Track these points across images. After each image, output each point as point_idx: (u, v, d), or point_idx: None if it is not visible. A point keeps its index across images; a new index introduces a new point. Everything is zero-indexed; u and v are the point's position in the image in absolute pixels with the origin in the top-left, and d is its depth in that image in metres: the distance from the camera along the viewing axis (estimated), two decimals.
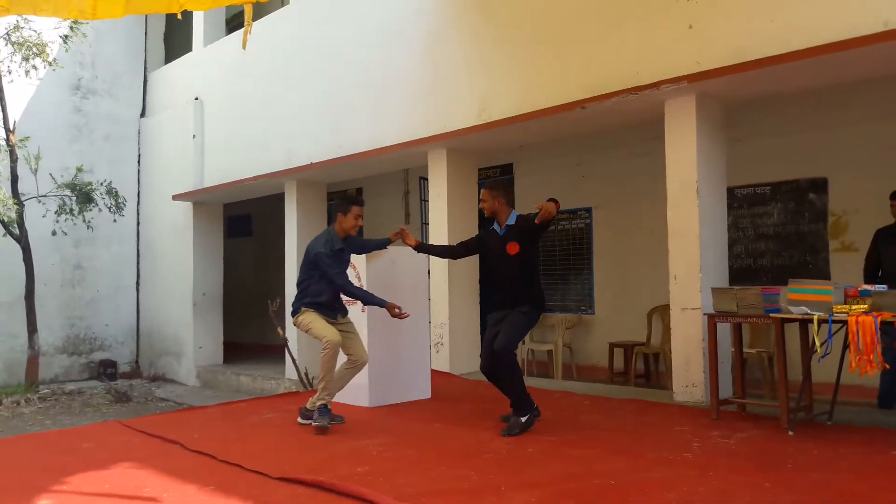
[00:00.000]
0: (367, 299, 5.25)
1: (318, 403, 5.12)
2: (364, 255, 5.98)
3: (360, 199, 5.50)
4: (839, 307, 4.35)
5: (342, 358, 5.30)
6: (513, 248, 5.04)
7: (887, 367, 4.15)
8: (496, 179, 5.42)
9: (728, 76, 5.47)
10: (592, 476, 3.73)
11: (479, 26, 7.50)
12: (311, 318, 5.23)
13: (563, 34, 6.71)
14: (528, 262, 5.12)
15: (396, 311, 5.19)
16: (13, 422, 8.65)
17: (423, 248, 5.64)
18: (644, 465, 3.92)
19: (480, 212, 8.04)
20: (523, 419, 4.80)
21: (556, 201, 4.95)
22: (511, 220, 5.16)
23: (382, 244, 5.95)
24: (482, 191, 5.27)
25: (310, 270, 5.29)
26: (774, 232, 7.45)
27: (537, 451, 4.32)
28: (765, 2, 5.36)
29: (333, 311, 5.35)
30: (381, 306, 5.24)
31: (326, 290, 5.28)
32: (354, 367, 5.31)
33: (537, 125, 6.99)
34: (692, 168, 5.91)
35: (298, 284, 5.38)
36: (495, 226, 5.25)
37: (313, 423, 5.07)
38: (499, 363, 4.88)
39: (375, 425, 5.28)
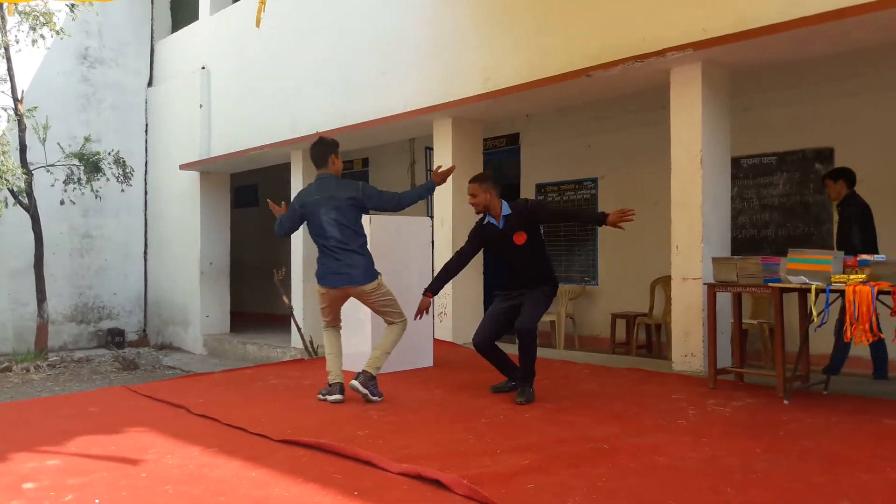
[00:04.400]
0: (423, 194, 5.22)
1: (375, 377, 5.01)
2: (369, 225, 5.96)
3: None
4: (837, 277, 4.35)
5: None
6: (520, 238, 4.98)
7: (882, 336, 4.15)
8: (482, 172, 5.30)
9: (735, 43, 5.41)
10: (586, 441, 3.79)
11: None
12: (388, 287, 5.12)
13: (569, 1, 6.64)
14: (538, 246, 5.10)
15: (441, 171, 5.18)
16: (23, 388, 8.79)
17: (436, 288, 5.26)
18: (638, 431, 3.98)
19: None
20: (531, 389, 4.88)
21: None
22: (506, 211, 5.06)
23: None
24: (470, 185, 5.09)
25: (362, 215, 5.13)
26: (779, 202, 7.42)
27: (533, 417, 4.38)
28: None
29: None
30: (431, 190, 5.22)
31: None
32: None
33: (543, 94, 6.95)
34: (696, 137, 5.88)
35: (353, 239, 4.99)
36: (489, 219, 5.11)
37: (372, 398, 4.92)
38: (521, 339, 4.87)
39: None
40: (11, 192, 10.21)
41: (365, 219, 5.92)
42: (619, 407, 4.62)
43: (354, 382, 4.91)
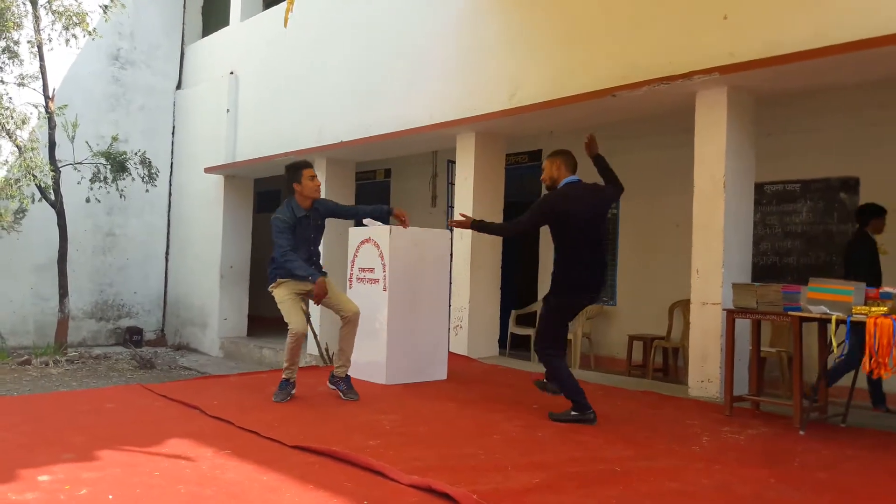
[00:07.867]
0: (302, 273, 5.13)
1: (282, 378, 5.34)
2: (388, 235, 6.00)
3: (304, 161, 5.43)
4: (859, 308, 4.31)
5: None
6: None
7: None
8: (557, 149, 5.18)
9: (762, 69, 5.40)
10: (598, 461, 3.77)
11: (512, 9, 7.47)
12: (283, 296, 5.27)
13: (597, 20, 6.67)
14: (557, 243, 4.84)
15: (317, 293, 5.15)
16: (41, 381, 8.89)
17: (482, 224, 5.12)
18: (650, 455, 3.95)
19: (507, 198, 8.16)
20: (573, 412, 4.68)
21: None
22: (573, 179, 4.88)
23: (378, 214, 5.65)
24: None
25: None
26: (802, 230, 7.36)
27: (546, 436, 4.36)
28: None
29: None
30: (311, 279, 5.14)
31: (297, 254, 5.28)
32: (350, 323, 5.34)
33: (568, 112, 6.95)
34: (720, 161, 5.86)
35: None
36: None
37: (274, 399, 5.27)
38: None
39: (390, 402, 5.36)
40: (39, 188, 10.35)
41: (384, 228, 6.01)
42: (632, 430, 4.59)
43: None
